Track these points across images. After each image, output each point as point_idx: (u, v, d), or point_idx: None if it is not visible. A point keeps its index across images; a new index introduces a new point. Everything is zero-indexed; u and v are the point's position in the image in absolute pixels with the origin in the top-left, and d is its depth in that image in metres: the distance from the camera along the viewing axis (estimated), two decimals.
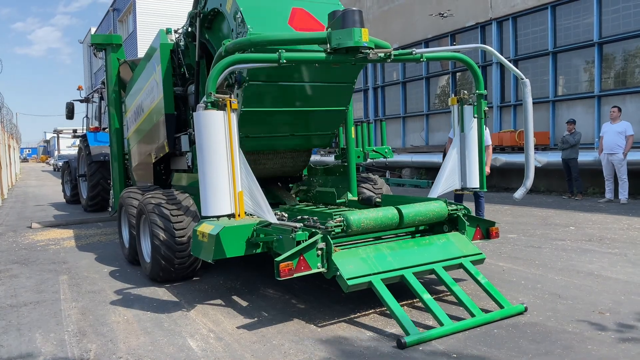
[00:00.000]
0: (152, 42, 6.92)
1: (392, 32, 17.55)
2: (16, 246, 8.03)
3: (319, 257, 3.99)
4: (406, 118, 18.06)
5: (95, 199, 11.73)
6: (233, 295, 5.00)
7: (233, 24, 5.15)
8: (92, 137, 11.86)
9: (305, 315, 4.31)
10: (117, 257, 6.83)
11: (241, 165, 4.35)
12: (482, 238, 4.93)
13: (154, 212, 5.26)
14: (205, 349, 3.71)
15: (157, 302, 4.87)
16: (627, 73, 11.81)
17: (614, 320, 3.96)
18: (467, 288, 4.73)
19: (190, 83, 6.47)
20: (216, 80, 4.16)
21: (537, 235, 7.41)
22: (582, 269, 5.48)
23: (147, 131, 7.25)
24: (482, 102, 5.21)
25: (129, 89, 8.13)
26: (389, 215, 4.47)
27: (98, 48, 8.28)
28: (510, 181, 13.67)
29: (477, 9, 14.78)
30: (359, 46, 4.27)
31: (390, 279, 4.12)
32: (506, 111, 14.46)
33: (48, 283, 5.70)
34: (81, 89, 14.67)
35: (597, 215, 8.90)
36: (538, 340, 3.62)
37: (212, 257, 4.21)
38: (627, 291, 4.66)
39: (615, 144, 10.21)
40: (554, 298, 4.54)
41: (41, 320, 4.46)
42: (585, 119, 12.40)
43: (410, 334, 3.63)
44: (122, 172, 8.41)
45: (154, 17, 29.45)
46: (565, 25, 12.80)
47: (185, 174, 6.47)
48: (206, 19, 5.84)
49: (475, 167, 5.31)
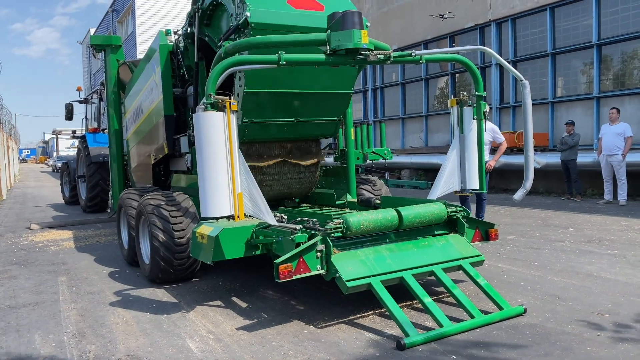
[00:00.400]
0: (152, 44, 6.92)
1: (391, 34, 17.57)
2: (15, 247, 8.03)
3: (318, 259, 3.99)
4: (405, 119, 18.07)
5: (94, 200, 11.73)
6: (232, 296, 5.00)
7: (232, 7, 5.12)
8: (91, 138, 11.86)
9: (304, 317, 4.30)
10: (116, 258, 6.82)
11: (241, 166, 4.35)
12: (482, 240, 4.94)
13: (153, 214, 5.26)
14: (205, 350, 3.71)
15: (156, 303, 4.86)
16: (626, 74, 11.83)
17: (613, 322, 3.96)
18: (467, 289, 4.73)
19: (190, 84, 6.46)
20: (216, 82, 4.16)
21: (536, 236, 7.42)
22: (582, 270, 5.48)
23: (146, 132, 7.24)
24: (482, 103, 5.22)
25: (128, 90, 8.13)
26: (388, 217, 4.46)
27: (97, 49, 8.28)
28: (509, 182, 13.68)
29: (476, 10, 14.80)
30: (358, 48, 4.27)
31: (389, 281, 4.12)
32: (505, 112, 14.47)
33: (47, 284, 5.70)
34: (80, 90, 14.66)
35: (596, 217, 8.91)
36: (537, 342, 3.63)
37: (211, 259, 4.21)
38: (626, 292, 4.66)
39: (614, 145, 10.22)
40: (553, 299, 4.55)
41: (40, 322, 4.45)
42: (584, 120, 12.42)
43: (410, 336, 3.63)
44: (121, 173, 8.40)
45: (153, 19, 29.45)
46: (564, 27, 12.82)
47: (185, 175, 6.46)
48: (205, 14, 5.83)
49: (475, 169, 5.31)
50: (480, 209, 7.80)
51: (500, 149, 8.24)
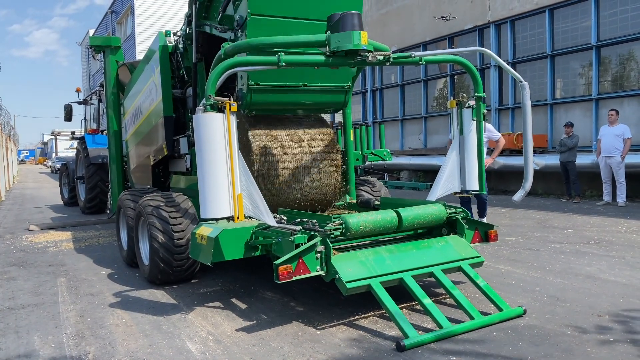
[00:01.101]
0: (151, 45, 6.92)
1: (390, 35, 17.59)
2: (14, 248, 8.01)
3: (318, 260, 3.99)
4: (404, 121, 18.08)
5: (93, 201, 11.72)
6: (232, 297, 5.00)
7: None
8: (90, 139, 11.85)
9: (304, 318, 4.30)
10: (115, 260, 6.82)
11: (240, 167, 4.35)
12: (481, 241, 4.94)
13: (153, 215, 5.25)
14: (204, 351, 3.71)
15: (156, 304, 4.86)
16: (625, 76, 11.85)
17: (612, 323, 3.96)
18: (466, 291, 4.73)
19: (189, 85, 6.47)
20: (215, 83, 4.16)
21: (536, 237, 7.42)
22: (581, 271, 5.48)
23: (145, 133, 7.24)
24: (481, 105, 5.22)
25: (128, 91, 8.13)
26: (387, 219, 4.47)
27: (97, 50, 8.28)
28: (508, 184, 13.70)
29: (476, 12, 14.82)
30: (358, 49, 4.27)
31: (389, 282, 4.12)
32: (504, 114, 14.49)
33: (46, 285, 5.69)
34: (79, 91, 14.65)
35: (595, 218, 8.92)
36: (537, 343, 3.63)
37: (210, 260, 4.21)
38: (625, 294, 4.67)
39: (613, 146, 10.24)
40: (552, 301, 4.55)
41: (39, 323, 4.44)
42: (583, 121, 12.43)
43: (410, 337, 3.63)
44: (120, 175, 8.40)
45: (152, 20, 29.47)
46: (563, 29, 12.84)
47: (184, 177, 6.46)
48: (202, 6, 5.83)
49: (475, 170, 5.32)
50: (482, 211, 7.80)
51: (497, 147, 8.27)
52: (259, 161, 5.37)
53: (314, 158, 5.72)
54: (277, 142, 5.56)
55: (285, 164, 5.53)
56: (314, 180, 5.74)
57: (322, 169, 5.78)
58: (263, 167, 5.38)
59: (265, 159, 5.41)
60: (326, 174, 5.82)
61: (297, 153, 5.63)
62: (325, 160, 5.81)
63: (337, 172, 5.93)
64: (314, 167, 5.72)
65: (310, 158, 5.69)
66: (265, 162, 5.40)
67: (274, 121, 5.76)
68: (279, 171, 5.49)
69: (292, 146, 5.63)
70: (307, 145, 5.72)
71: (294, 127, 5.82)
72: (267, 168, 5.41)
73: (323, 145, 5.82)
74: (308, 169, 5.68)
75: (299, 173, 5.63)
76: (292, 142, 5.65)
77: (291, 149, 5.60)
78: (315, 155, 5.73)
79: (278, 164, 5.48)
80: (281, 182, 5.51)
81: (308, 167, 5.68)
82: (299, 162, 5.62)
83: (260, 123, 5.63)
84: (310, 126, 5.94)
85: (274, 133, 5.62)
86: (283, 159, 5.51)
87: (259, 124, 5.61)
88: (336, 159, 5.89)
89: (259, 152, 5.37)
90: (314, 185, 5.75)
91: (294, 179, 5.60)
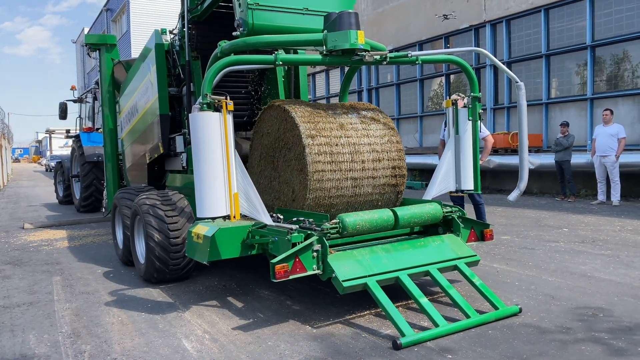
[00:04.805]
0: (147, 43, 6.90)
1: (386, 34, 17.60)
2: (8, 247, 7.98)
3: (314, 259, 3.99)
4: (400, 120, 18.10)
5: (89, 199, 11.69)
6: (228, 296, 4.99)
7: None
8: (85, 138, 11.82)
9: (300, 317, 4.31)
10: (110, 258, 6.80)
11: (237, 166, 4.35)
12: (477, 240, 4.96)
13: (149, 213, 5.24)
14: (201, 350, 3.71)
15: (152, 303, 4.85)
16: (620, 76, 11.91)
17: (607, 321, 3.99)
18: (462, 289, 4.75)
19: (185, 84, 6.45)
20: (212, 82, 4.15)
21: (531, 236, 7.45)
22: (576, 270, 5.51)
23: (141, 132, 7.22)
24: (477, 104, 5.24)
25: (123, 90, 8.10)
26: (384, 217, 4.47)
27: (92, 48, 8.25)
28: (503, 183, 13.74)
29: (471, 11, 14.85)
30: (354, 48, 4.28)
31: (385, 281, 4.13)
32: (499, 113, 14.53)
33: (41, 284, 5.67)
34: (74, 89, 14.60)
35: (590, 217, 8.96)
36: (532, 341, 3.65)
37: (207, 259, 4.20)
38: (620, 292, 4.70)
39: (608, 146, 10.29)
40: (547, 299, 4.57)
41: (35, 322, 4.43)
42: (578, 121, 12.49)
43: (406, 335, 3.64)
44: (116, 173, 8.38)
45: (147, 18, 29.38)
46: (559, 28, 12.88)
47: (180, 175, 6.45)
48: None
49: (470, 169, 5.34)
50: (481, 215, 7.49)
51: (486, 147, 7.51)
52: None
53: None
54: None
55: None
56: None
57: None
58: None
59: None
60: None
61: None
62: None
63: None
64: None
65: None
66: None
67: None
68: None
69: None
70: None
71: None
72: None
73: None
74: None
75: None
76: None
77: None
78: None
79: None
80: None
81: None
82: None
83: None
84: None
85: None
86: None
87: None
88: None
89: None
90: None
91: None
